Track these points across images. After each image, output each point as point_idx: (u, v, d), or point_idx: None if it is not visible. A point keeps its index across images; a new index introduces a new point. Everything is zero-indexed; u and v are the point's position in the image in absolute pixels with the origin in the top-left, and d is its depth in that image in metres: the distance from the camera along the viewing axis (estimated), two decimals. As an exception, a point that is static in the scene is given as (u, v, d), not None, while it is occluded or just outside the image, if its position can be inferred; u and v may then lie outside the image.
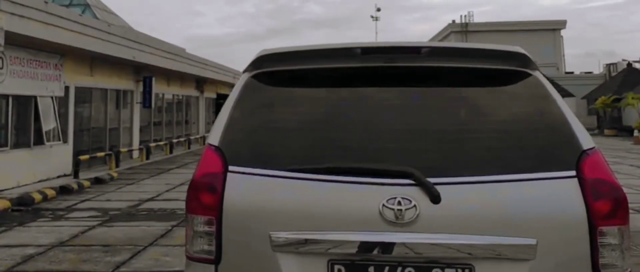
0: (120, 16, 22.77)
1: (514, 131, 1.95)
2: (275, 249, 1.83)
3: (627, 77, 26.97)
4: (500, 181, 1.79)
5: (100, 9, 21.01)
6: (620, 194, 1.81)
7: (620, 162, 13.24)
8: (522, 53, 2.14)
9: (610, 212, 1.77)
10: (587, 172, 1.81)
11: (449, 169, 1.83)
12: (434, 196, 1.76)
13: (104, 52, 12.17)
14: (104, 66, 13.50)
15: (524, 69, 2.13)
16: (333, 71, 2.18)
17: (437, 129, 1.97)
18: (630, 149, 17.64)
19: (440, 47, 2.19)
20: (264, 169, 1.90)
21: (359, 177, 1.82)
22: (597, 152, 1.89)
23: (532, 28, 43.89)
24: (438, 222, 1.76)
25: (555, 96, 2.05)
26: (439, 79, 2.14)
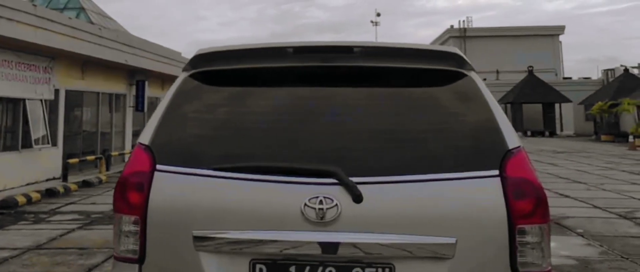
0: (116, 20, 22.82)
1: (442, 131, 1.96)
2: (198, 248, 1.82)
3: (624, 83, 26.95)
4: (423, 180, 1.81)
5: (96, 13, 21.05)
6: (540, 193, 1.82)
7: (613, 168, 13.19)
8: (457, 53, 2.16)
9: (531, 211, 1.79)
10: (509, 171, 1.82)
11: (373, 168, 1.84)
12: (356, 195, 1.76)
13: (95, 55, 12.16)
14: (96, 70, 13.49)
15: (459, 70, 2.14)
16: (266, 71, 2.18)
17: (364, 128, 1.97)
18: (624, 154, 17.59)
19: (373, 47, 2.19)
20: (190, 168, 1.89)
21: (282, 177, 1.83)
22: (522, 151, 1.90)
23: (531, 33, 43.93)
24: (359, 221, 1.77)
25: (488, 97, 2.06)
26: (371, 79, 2.14)
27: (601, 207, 7.65)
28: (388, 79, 2.14)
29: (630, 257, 5.03)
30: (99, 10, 21.85)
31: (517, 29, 44.69)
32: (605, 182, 10.42)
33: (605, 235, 5.97)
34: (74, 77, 12.57)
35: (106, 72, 13.98)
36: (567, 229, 6.26)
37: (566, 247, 5.44)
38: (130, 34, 19.56)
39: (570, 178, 11.18)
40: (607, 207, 7.67)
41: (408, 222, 1.76)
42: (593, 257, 5.11)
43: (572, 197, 8.63)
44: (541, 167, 13.61)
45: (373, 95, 2.10)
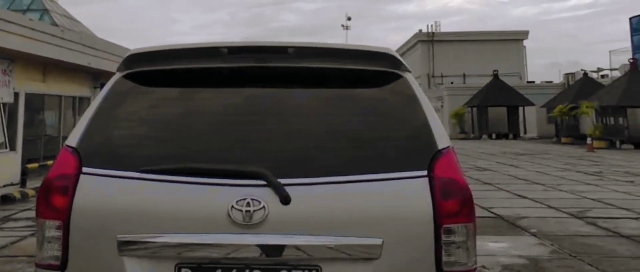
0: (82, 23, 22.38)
1: (372, 132, 1.99)
2: (122, 253, 1.79)
3: (583, 87, 27.82)
4: (352, 181, 1.82)
5: (60, 15, 20.59)
6: (466, 193, 1.88)
7: (570, 169, 13.65)
8: (391, 54, 2.17)
9: (457, 210, 1.84)
10: (437, 171, 1.87)
11: (301, 170, 1.85)
12: (283, 197, 1.77)
13: (57, 57, 11.91)
14: (59, 72, 13.21)
15: (394, 70, 2.16)
16: (199, 71, 2.16)
17: (294, 130, 1.99)
18: (582, 156, 18.21)
19: (308, 48, 2.17)
20: (117, 171, 1.86)
21: (210, 179, 1.81)
22: (451, 152, 1.94)
23: (496, 38, 44.98)
24: (287, 223, 1.77)
25: (421, 98, 2.09)
26: (304, 80, 2.15)
27: (555, 207, 7.94)
28: (322, 79, 2.15)
29: (577, 256, 5.26)
30: (64, 12, 21.38)
31: (483, 34, 45.68)
32: (561, 183, 10.80)
33: (557, 234, 6.20)
34: (34, 80, 12.28)
35: (69, 74, 13.70)
36: (521, 229, 6.49)
37: (519, 247, 5.64)
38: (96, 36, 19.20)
39: (528, 179, 11.53)
40: (561, 207, 7.97)
41: (335, 224, 1.78)
42: (543, 256, 5.31)
43: (529, 198, 8.91)
44: (503, 169, 13.99)
45: (306, 96, 2.11)
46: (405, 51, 52.84)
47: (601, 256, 5.26)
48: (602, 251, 5.44)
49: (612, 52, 34.96)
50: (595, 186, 10.31)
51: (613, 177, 11.76)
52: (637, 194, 9.22)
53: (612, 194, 9.31)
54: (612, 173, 12.65)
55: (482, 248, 5.62)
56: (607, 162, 15.57)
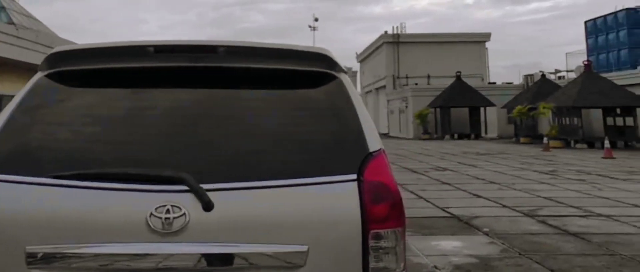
0: (43, 22, 21.75)
1: (302, 135, 1.94)
2: (30, 266, 1.68)
3: (541, 88, 28.73)
4: (278, 185, 1.77)
5: (18, 13, 19.95)
6: (396, 197, 1.85)
7: (526, 169, 14.09)
8: (326, 54, 2.10)
9: (385, 215, 1.80)
10: (367, 175, 1.82)
11: (226, 174, 1.78)
12: (206, 203, 1.69)
13: (10, 57, 11.58)
14: (14, 72, 12.83)
15: (329, 71, 2.11)
16: (124, 71, 2.07)
17: (221, 132, 1.92)
18: (538, 155, 18.81)
19: (239, 47, 2.08)
20: (26, 177, 1.75)
21: (128, 184, 1.72)
22: (382, 154, 1.91)
23: (459, 40, 45.94)
24: (209, 230, 1.70)
25: (355, 100, 2.04)
26: (234, 80, 2.08)
27: (509, 206, 8.20)
28: (252, 80, 2.08)
29: (526, 254, 5.45)
30: (22, 10, 20.73)
31: (447, 36, 46.59)
32: (516, 182, 11.14)
33: (509, 233, 6.42)
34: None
35: (26, 75, 13.32)
36: (474, 229, 6.68)
37: (471, 247, 5.81)
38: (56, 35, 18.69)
39: (486, 179, 11.85)
40: (514, 206, 8.23)
41: (260, 230, 1.72)
42: (494, 255, 5.49)
43: (485, 197, 9.17)
44: (463, 169, 14.33)
45: (235, 97, 2.04)
46: (371, 52, 53.34)
47: (548, 253, 5.47)
48: (549, 249, 5.66)
49: (569, 55, 36.29)
50: (548, 185, 10.69)
51: (566, 176, 12.21)
52: (587, 192, 9.61)
53: (563, 192, 9.67)
54: (566, 172, 13.14)
55: (435, 248, 5.79)
56: (562, 162, 16.15)
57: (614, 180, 11.50)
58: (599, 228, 6.62)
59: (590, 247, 5.72)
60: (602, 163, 15.59)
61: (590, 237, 6.14)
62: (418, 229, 6.71)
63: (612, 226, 6.77)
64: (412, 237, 6.27)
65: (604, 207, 8.09)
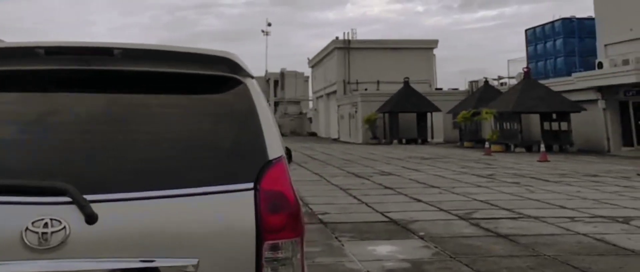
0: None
1: (200, 142, 1.88)
2: None
3: (484, 94, 29.73)
4: (169, 196, 1.71)
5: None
6: (293, 206, 1.82)
7: (467, 172, 14.52)
8: (230, 58, 2.02)
9: (282, 225, 1.77)
10: (264, 184, 1.78)
11: (113, 184, 1.70)
12: (88, 215, 1.61)
13: None
14: None
15: (233, 76, 2.03)
16: (11, 73, 1.93)
17: (110, 139, 1.84)
18: (479, 159, 19.43)
19: (136, 50, 1.99)
20: None
21: (1, 197, 1.61)
22: (281, 162, 1.87)
23: (408, 46, 46.94)
24: (92, 245, 1.61)
25: (259, 106, 1.99)
26: (130, 84, 1.98)
27: (446, 210, 8.40)
28: (149, 84, 1.98)
29: (457, 256, 5.59)
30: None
31: (396, 42, 47.52)
32: (456, 186, 11.45)
33: (443, 236, 6.56)
34: None
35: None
36: (411, 233, 6.79)
37: (405, 251, 5.90)
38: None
39: (427, 183, 12.11)
40: (451, 209, 8.44)
41: (148, 244, 1.65)
42: (426, 258, 5.60)
43: (424, 201, 9.36)
44: (406, 173, 14.60)
45: (128, 102, 1.95)
46: (323, 58, 53.67)
47: (478, 256, 5.63)
48: (479, 251, 5.82)
49: (511, 62, 37.63)
50: (485, 188, 11.04)
51: (502, 179, 12.66)
52: (520, 195, 9.99)
53: (498, 195, 10.01)
54: (503, 175, 13.62)
55: (371, 253, 5.84)
56: (500, 165, 16.75)
57: (546, 182, 12.02)
58: (527, 229, 6.88)
59: (518, 248, 5.93)
60: (537, 166, 16.28)
61: (518, 238, 6.37)
62: (356, 234, 6.77)
63: (540, 227, 7.06)
64: (350, 242, 6.31)
65: (534, 209, 8.43)
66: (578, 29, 30.30)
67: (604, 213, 7.99)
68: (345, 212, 8.35)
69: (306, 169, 16.23)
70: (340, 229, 7.01)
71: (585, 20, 29.65)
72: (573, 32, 30.62)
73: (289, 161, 4.06)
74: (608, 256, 5.58)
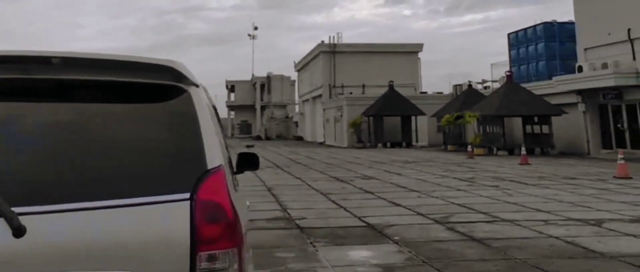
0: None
1: (137, 152, 1.87)
2: None
3: (468, 97, 30.00)
4: (101, 207, 1.70)
5: None
6: (229, 216, 1.81)
7: (448, 176, 14.61)
8: (172, 67, 2.01)
9: (217, 235, 1.77)
10: (201, 193, 1.79)
11: (43, 196, 1.67)
12: (16, 228, 1.58)
13: None
14: None
15: (176, 84, 2.03)
16: None
17: (44, 151, 1.81)
18: (462, 163, 19.57)
19: (77, 58, 1.97)
20: None
21: None
22: (220, 172, 1.87)
23: (393, 50, 47.22)
24: (18, 259, 1.58)
25: (201, 114, 1.99)
26: (70, 93, 1.97)
27: (423, 214, 8.44)
28: (90, 93, 1.97)
29: (429, 261, 5.61)
30: None
31: (381, 46, 47.78)
32: (436, 190, 11.51)
33: (418, 241, 6.59)
34: None
35: None
36: (386, 237, 6.81)
37: (379, 256, 5.92)
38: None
39: (407, 187, 12.17)
40: (428, 213, 8.48)
41: (77, 257, 1.63)
42: (399, 263, 5.61)
43: (403, 205, 9.40)
44: (388, 177, 14.65)
45: (66, 112, 1.93)
46: (309, 61, 53.73)
47: (451, 260, 5.66)
48: (452, 256, 5.86)
49: (494, 65, 37.96)
50: (464, 192, 11.12)
51: (482, 183, 12.77)
52: (498, 198, 10.08)
53: (477, 199, 10.09)
54: (483, 179, 13.73)
55: (345, 258, 5.85)
56: (482, 168, 16.88)
57: (524, 185, 12.15)
58: (501, 233, 6.94)
59: (490, 252, 5.98)
60: (517, 169, 16.44)
61: (492, 242, 6.42)
62: (332, 239, 6.77)
63: (514, 230, 7.13)
64: (324, 247, 6.32)
65: (510, 212, 8.51)
66: (559, 33, 30.62)
67: (577, 216, 8.10)
68: (323, 217, 8.36)
69: (288, 174, 16.22)
70: (316, 234, 7.01)
71: (566, 24, 30.00)
72: (554, 36, 30.94)
73: (256, 167, 4.06)
74: (577, 258, 5.65)
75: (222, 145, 2.12)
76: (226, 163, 2.05)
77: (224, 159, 2.02)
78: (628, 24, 21.50)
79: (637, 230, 7.01)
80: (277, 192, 11.63)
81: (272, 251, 6.12)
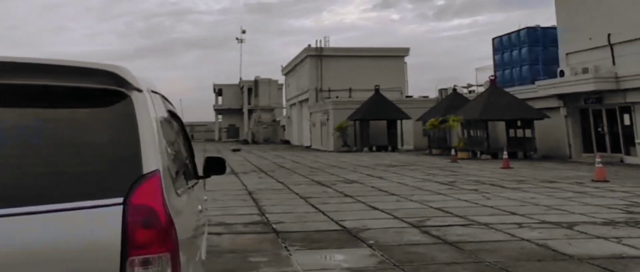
0: None
1: (72, 157, 1.88)
2: None
3: (453, 101, 30.21)
4: (33, 212, 1.70)
5: None
6: (162, 220, 1.82)
7: (429, 180, 14.70)
8: (112, 72, 2.02)
9: (149, 241, 1.78)
10: (134, 198, 1.79)
11: None
12: None
13: None
14: None
15: (117, 89, 2.03)
16: None
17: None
18: (445, 166, 19.70)
19: (11, 63, 1.97)
20: None
21: None
22: (156, 176, 1.88)
23: (380, 54, 47.47)
24: None
25: (142, 119, 2.00)
26: (4, 98, 1.96)
27: (400, 218, 8.49)
28: (25, 98, 1.98)
29: (401, 265, 5.65)
30: None
31: (368, 50, 47.98)
32: (415, 193, 11.58)
33: (391, 244, 6.63)
34: None
35: None
36: (361, 241, 6.84)
37: (351, 259, 5.94)
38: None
39: (388, 191, 12.21)
40: (405, 217, 8.53)
41: (6, 264, 1.63)
42: (370, 267, 5.64)
43: (381, 209, 9.44)
44: (370, 181, 14.70)
45: (1, 116, 1.93)
46: (296, 65, 53.78)
47: (421, 263, 5.70)
48: (424, 259, 5.90)
49: (479, 70, 38.33)
50: (443, 195, 11.20)
51: (462, 186, 12.86)
52: (475, 202, 10.17)
53: (455, 202, 10.17)
54: (464, 182, 13.84)
55: (317, 262, 5.87)
56: (464, 172, 17.00)
57: (503, 189, 12.26)
58: (474, 236, 7.00)
59: (462, 255, 6.04)
60: (498, 173, 16.59)
61: (464, 245, 6.48)
62: (307, 243, 6.79)
63: (487, 233, 7.19)
64: (298, 251, 6.33)
65: (485, 215, 8.59)
66: (542, 38, 31.00)
67: (551, 219, 8.19)
68: (301, 221, 8.37)
69: (272, 178, 16.21)
70: (292, 238, 7.02)
71: (549, 29, 30.38)
72: (537, 40, 31.31)
73: (222, 172, 4.07)
74: (546, 261, 5.73)
75: (166, 151, 2.12)
76: (166, 168, 2.05)
77: (164, 164, 2.01)
78: (608, 29, 21.83)
79: (608, 233, 7.12)
80: (258, 196, 11.62)
81: (246, 256, 6.12)
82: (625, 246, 6.32)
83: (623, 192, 11.43)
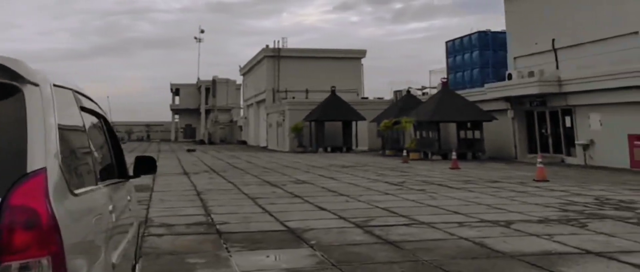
0: None
1: None
2: None
3: (406, 103, 30.75)
4: None
5: None
6: (43, 222, 1.73)
7: (380, 180, 14.88)
8: (2, 64, 1.95)
9: (26, 244, 1.69)
10: (13, 198, 1.71)
11: None
12: None
13: None
14: None
15: (9, 82, 1.96)
16: None
17: None
18: (396, 167, 20.00)
19: None
20: None
21: None
22: (41, 175, 1.80)
23: (337, 56, 47.82)
24: None
25: (33, 115, 1.92)
26: None
27: (345, 218, 8.54)
28: None
29: (339, 264, 5.67)
30: None
31: (325, 51, 48.23)
32: (364, 194, 11.68)
33: (333, 244, 6.65)
34: None
35: None
36: (303, 241, 6.83)
37: (291, 260, 5.92)
38: None
39: (338, 191, 12.28)
40: (350, 217, 8.58)
41: None
42: (308, 267, 5.63)
43: (328, 209, 9.47)
44: (321, 181, 14.75)
45: None
46: (254, 66, 53.44)
47: (359, 263, 5.74)
48: (362, 259, 5.94)
49: (432, 72, 39.12)
50: (391, 196, 11.35)
51: (411, 187, 13.08)
52: (421, 202, 10.36)
53: (401, 202, 10.32)
54: (413, 183, 14.08)
55: (256, 263, 5.81)
56: (414, 173, 17.31)
57: (449, 189, 12.55)
58: (415, 235, 7.12)
59: (400, 254, 6.12)
60: (447, 174, 16.98)
61: (404, 244, 6.57)
62: (248, 244, 6.72)
63: (428, 233, 7.33)
64: (238, 253, 6.26)
65: (429, 215, 8.75)
66: (492, 42, 31.98)
67: (491, 218, 8.44)
68: (245, 222, 8.29)
69: (223, 178, 16.02)
70: (234, 239, 6.94)
71: (499, 34, 31.37)
72: (488, 44, 32.25)
73: (153, 172, 3.98)
74: (480, 258, 5.88)
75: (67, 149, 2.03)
76: (59, 167, 1.96)
77: (56, 163, 1.93)
78: (553, 34, 22.76)
79: (542, 230, 7.39)
80: (206, 196, 11.45)
81: (184, 257, 6.01)
82: (555, 243, 6.57)
83: (561, 191, 11.92)
